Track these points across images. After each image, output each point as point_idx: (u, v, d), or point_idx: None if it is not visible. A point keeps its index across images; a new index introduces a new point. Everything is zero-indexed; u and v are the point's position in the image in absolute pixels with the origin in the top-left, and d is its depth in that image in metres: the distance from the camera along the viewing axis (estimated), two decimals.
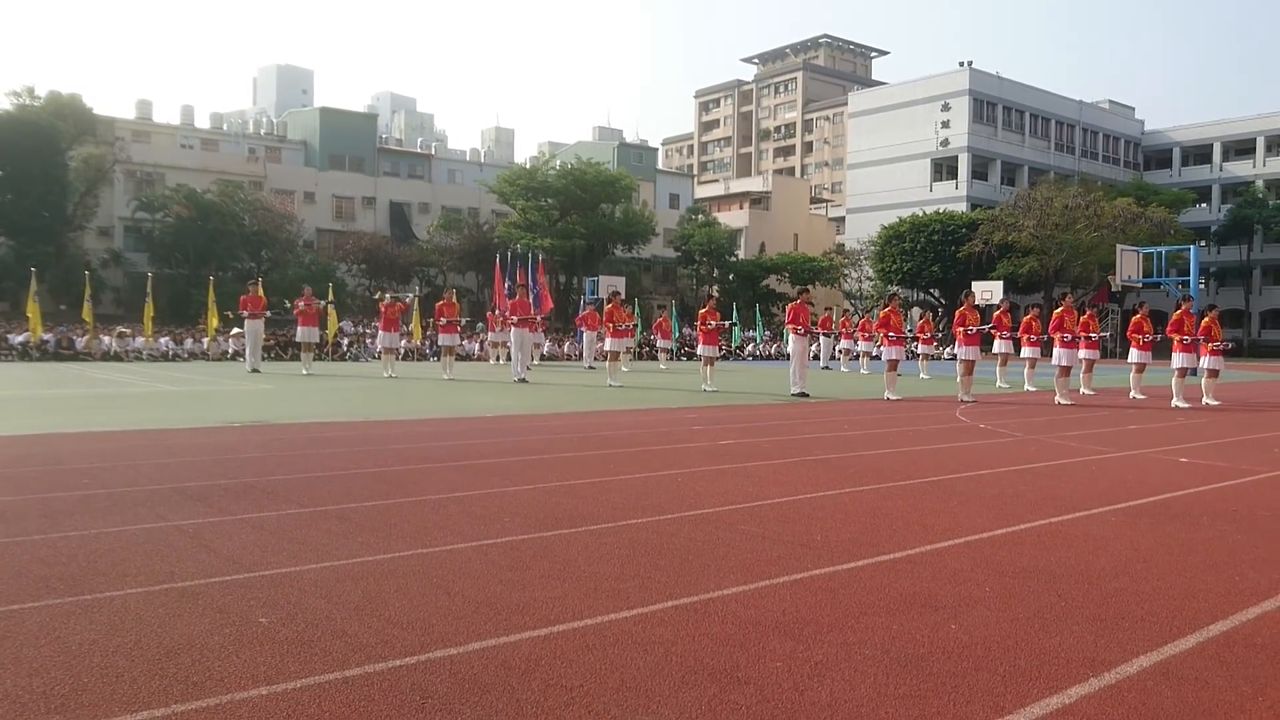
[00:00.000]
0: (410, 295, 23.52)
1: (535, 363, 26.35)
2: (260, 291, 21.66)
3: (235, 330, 28.90)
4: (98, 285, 32.65)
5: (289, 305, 21.98)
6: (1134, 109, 74.21)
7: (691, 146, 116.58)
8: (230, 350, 29.43)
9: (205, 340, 29.68)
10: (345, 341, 32.92)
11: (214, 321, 28.74)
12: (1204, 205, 65.56)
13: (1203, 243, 51.11)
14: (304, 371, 21.00)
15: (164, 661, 2.93)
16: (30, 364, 24.93)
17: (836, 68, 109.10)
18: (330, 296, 28.34)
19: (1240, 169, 65.77)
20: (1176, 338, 15.36)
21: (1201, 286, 35.66)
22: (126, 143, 48.08)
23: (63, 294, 37.96)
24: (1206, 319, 15.85)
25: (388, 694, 2.71)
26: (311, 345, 22.26)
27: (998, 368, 19.79)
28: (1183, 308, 15.80)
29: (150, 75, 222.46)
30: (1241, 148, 66.38)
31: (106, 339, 29.31)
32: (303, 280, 34.14)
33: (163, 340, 30.04)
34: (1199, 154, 68.85)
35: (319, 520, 5.11)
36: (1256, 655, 3.16)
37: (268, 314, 22.57)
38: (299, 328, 21.96)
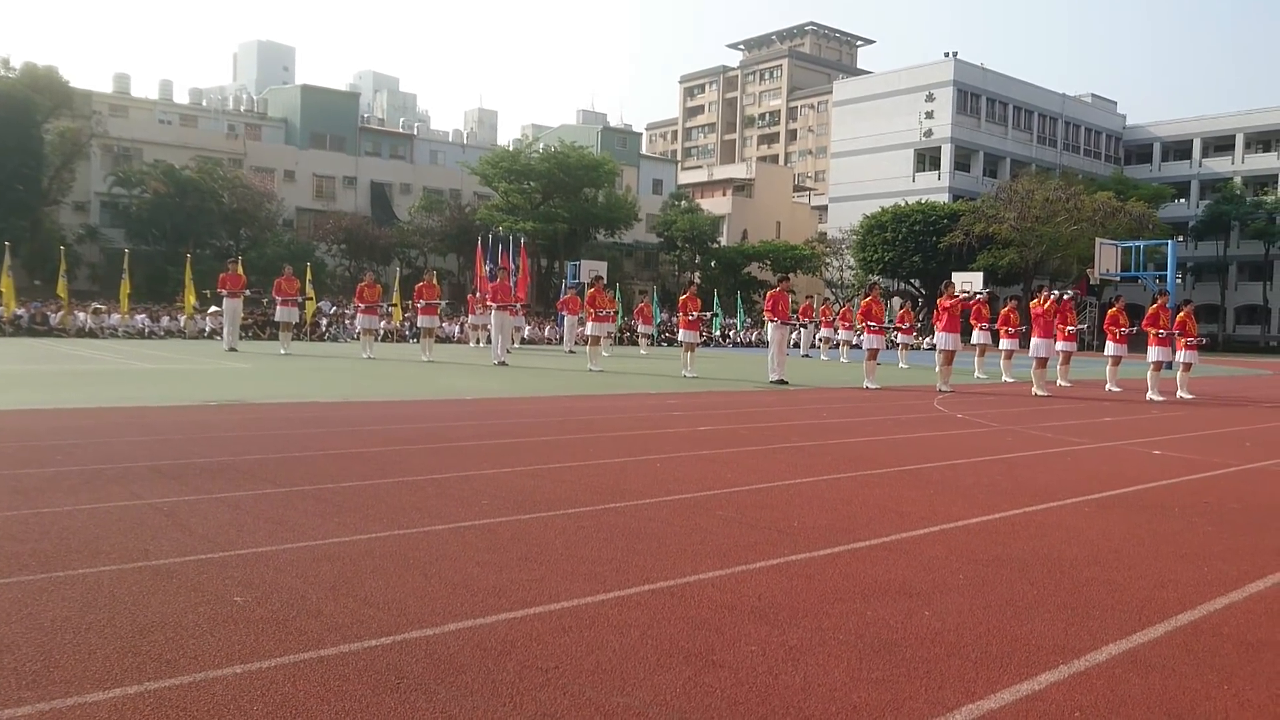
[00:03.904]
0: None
1: (515, 346, 26.29)
2: (239, 270, 21.49)
3: (213, 309, 28.64)
4: (73, 261, 32.29)
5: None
6: (1116, 103, 74.57)
7: (676, 132, 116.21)
8: (207, 328, 29.16)
9: (182, 318, 29.40)
10: (324, 322, 32.69)
11: (191, 299, 28.48)
12: (1183, 201, 66.05)
13: (1180, 238, 51.58)
14: (282, 351, 20.86)
15: (137, 639, 2.91)
16: (3, 339, 24.59)
17: (822, 56, 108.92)
18: (310, 276, 28.15)
19: (1219, 165, 66.31)
20: (1153, 331, 15.52)
21: (1178, 281, 35.89)
22: (104, 117, 47.31)
23: (37, 269, 37.42)
24: (1182, 313, 16.03)
25: (363, 674, 2.70)
26: (290, 325, 22.13)
27: (976, 358, 19.96)
28: (1159, 302, 15.96)
29: (129, 48, 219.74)
30: (1221, 144, 66.92)
31: (81, 315, 28.91)
32: (282, 259, 33.83)
33: (139, 317, 29.68)
34: (1179, 149, 69.36)
35: (295, 500, 5.09)
36: (1223, 644, 3.21)
37: (247, 293, 22.37)
38: (278, 307, 21.81)
